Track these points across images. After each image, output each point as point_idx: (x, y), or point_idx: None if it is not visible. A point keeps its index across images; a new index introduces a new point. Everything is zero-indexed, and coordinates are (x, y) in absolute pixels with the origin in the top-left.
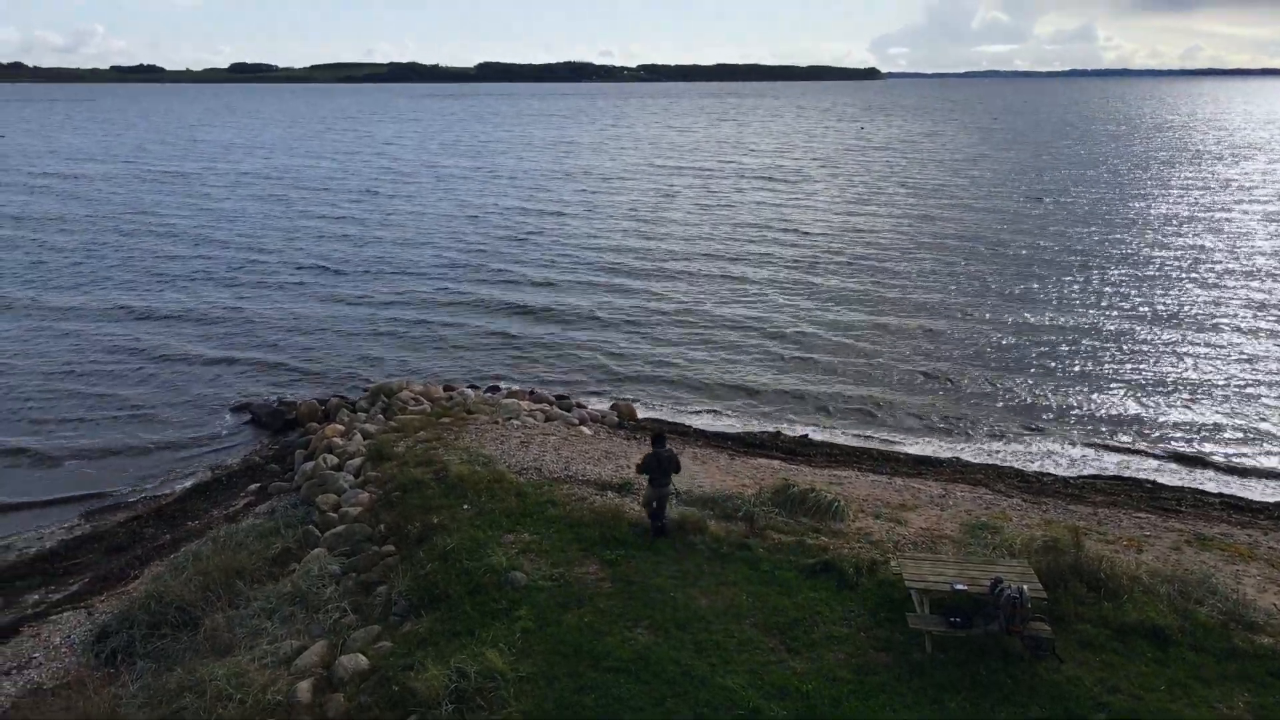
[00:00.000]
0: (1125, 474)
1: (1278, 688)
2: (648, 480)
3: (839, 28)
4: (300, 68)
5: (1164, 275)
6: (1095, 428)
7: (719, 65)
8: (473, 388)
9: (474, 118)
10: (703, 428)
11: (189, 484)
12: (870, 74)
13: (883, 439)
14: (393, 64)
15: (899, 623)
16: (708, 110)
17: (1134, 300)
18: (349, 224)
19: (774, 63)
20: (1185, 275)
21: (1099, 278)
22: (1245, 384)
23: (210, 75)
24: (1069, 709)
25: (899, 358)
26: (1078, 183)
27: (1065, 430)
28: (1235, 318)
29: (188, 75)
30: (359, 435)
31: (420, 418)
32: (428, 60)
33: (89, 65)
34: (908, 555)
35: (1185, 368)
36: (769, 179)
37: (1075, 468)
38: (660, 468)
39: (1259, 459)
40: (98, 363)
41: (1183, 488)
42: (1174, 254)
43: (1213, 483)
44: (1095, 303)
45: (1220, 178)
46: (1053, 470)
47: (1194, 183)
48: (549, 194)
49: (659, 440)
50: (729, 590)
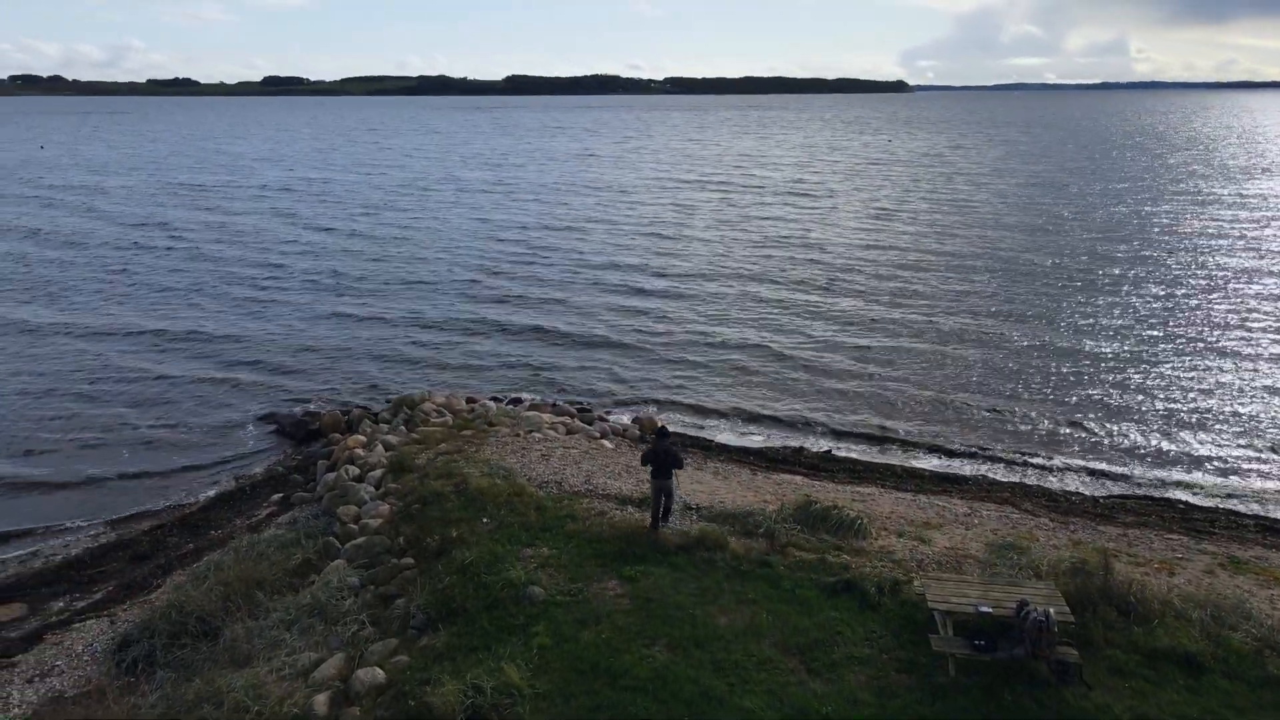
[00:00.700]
0: (1156, 494)
1: None
2: (650, 473)
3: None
4: (331, 80)
5: (1195, 294)
6: (1124, 447)
7: (746, 78)
8: (495, 400)
9: (499, 130)
10: (725, 443)
11: (213, 493)
12: (898, 87)
13: (907, 456)
14: (422, 77)
15: (922, 644)
16: (733, 123)
17: (1165, 318)
18: (370, 237)
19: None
20: (1218, 294)
21: (1129, 296)
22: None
23: (244, 88)
24: None
25: (922, 374)
26: (1107, 198)
27: (1094, 449)
28: (1268, 338)
29: (222, 89)
30: (381, 446)
31: (442, 430)
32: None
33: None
34: (931, 575)
35: (1216, 388)
36: (792, 194)
37: (1104, 487)
38: (660, 460)
39: None
40: (123, 375)
41: (1215, 509)
42: (1207, 272)
43: (1246, 505)
44: (1125, 321)
45: (1255, 193)
46: (1081, 490)
47: (1227, 198)
48: (569, 207)
49: (662, 434)
50: (749, 608)
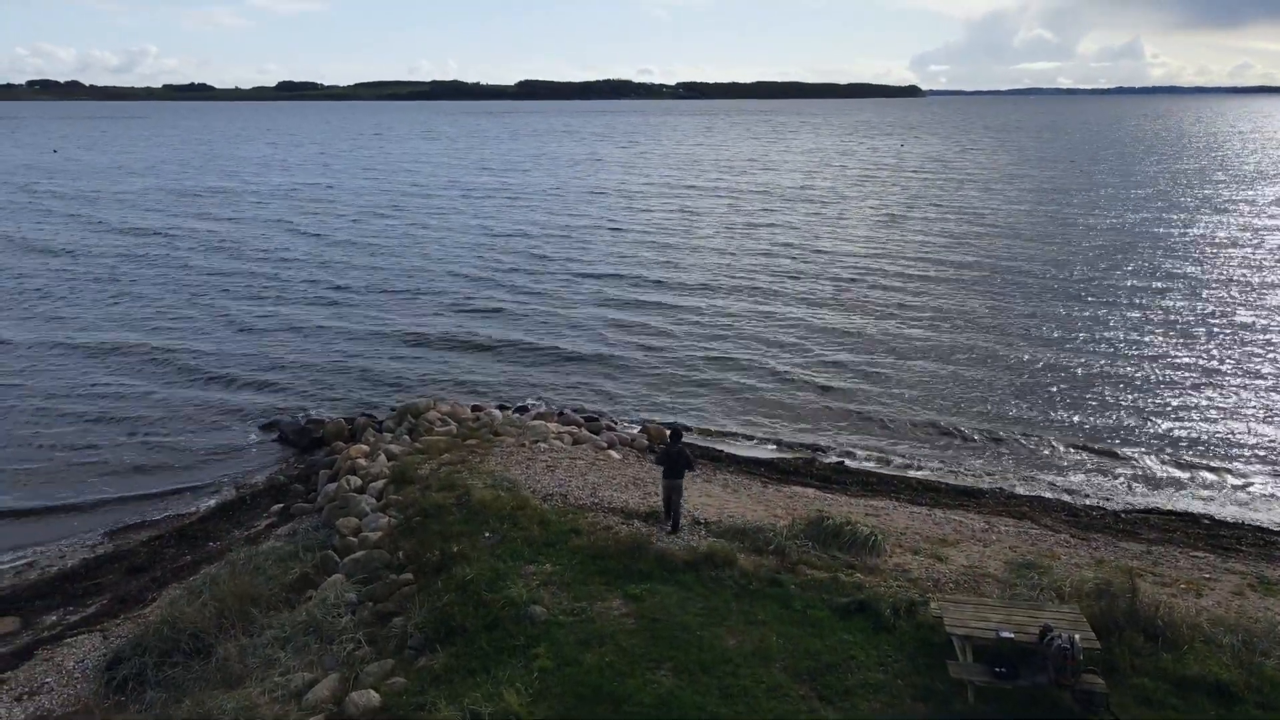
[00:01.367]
0: (1180, 509)
1: None
2: (661, 472)
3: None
4: (345, 85)
5: (1216, 303)
6: (1145, 460)
7: (758, 83)
8: (501, 408)
9: (509, 135)
10: (735, 453)
11: (213, 502)
12: (911, 92)
13: (921, 468)
14: (435, 82)
15: (939, 670)
16: (744, 128)
17: (1186, 329)
18: (376, 244)
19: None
20: (1241, 304)
21: (1147, 305)
22: None
23: (258, 93)
24: None
25: (936, 385)
26: (1124, 205)
27: (1114, 462)
28: None
29: (236, 93)
30: (383, 456)
31: (446, 439)
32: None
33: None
34: (949, 598)
35: (1240, 400)
36: (802, 200)
37: (1126, 501)
38: (672, 461)
39: None
40: (124, 384)
41: (1242, 524)
42: (1228, 281)
43: (1275, 520)
44: (1144, 332)
45: (1271, 198)
46: (1102, 504)
47: (1246, 206)
48: (576, 212)
49: (675, 436)
50: (758, 630)
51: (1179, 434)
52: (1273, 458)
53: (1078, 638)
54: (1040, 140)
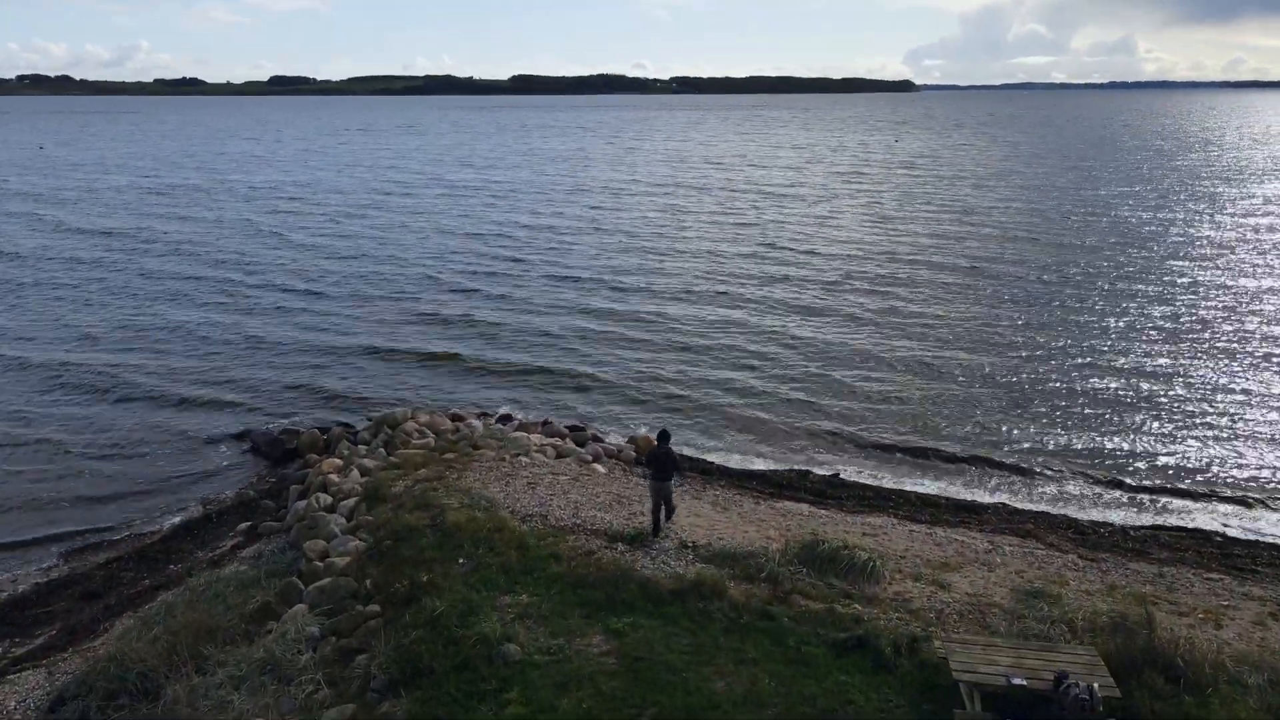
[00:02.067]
0: (1190, 525)
1: None
2: (649, 475)
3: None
4: (338, 80)
5: (1226, 305)
6: (1154, 472)
7: (752, 78)
8: (484, 415)
9: (498, 129)
10: (724, 464)
11: (178, 520)
12: (905, 86)
13: (919, 480)
14: (428, 77)
15: (944, 717)
16: (736, 123)
17: (1191, 332)
18: (357, 243)
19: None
20: (1251, 305)
21: (1155, 307)
22: None
23: (251, 88)
24: None
25: (934, 393)
26: (1122, 203)
27: (1120, 474)
28: None
29: (229, 88)
30: (356, 471)
31: (422, 453)
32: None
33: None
34: (955, 637)
35: (1250, 408)
36: (791, 198)
37: (1133, 516)
38: (659, 464)
39: None
40: (89, 388)
41: (1257, 542)
42: (1237, 281)
43: None
44: (1151, 335)
45: (1267, 194)
46: (1109, 519)
47: (1249, 203)
48: (560, 212)
49: (663, 438)
50: (749, 670)
51: (1189, 444)
52: None
53: (1096, 686)
54: (1035, 136)
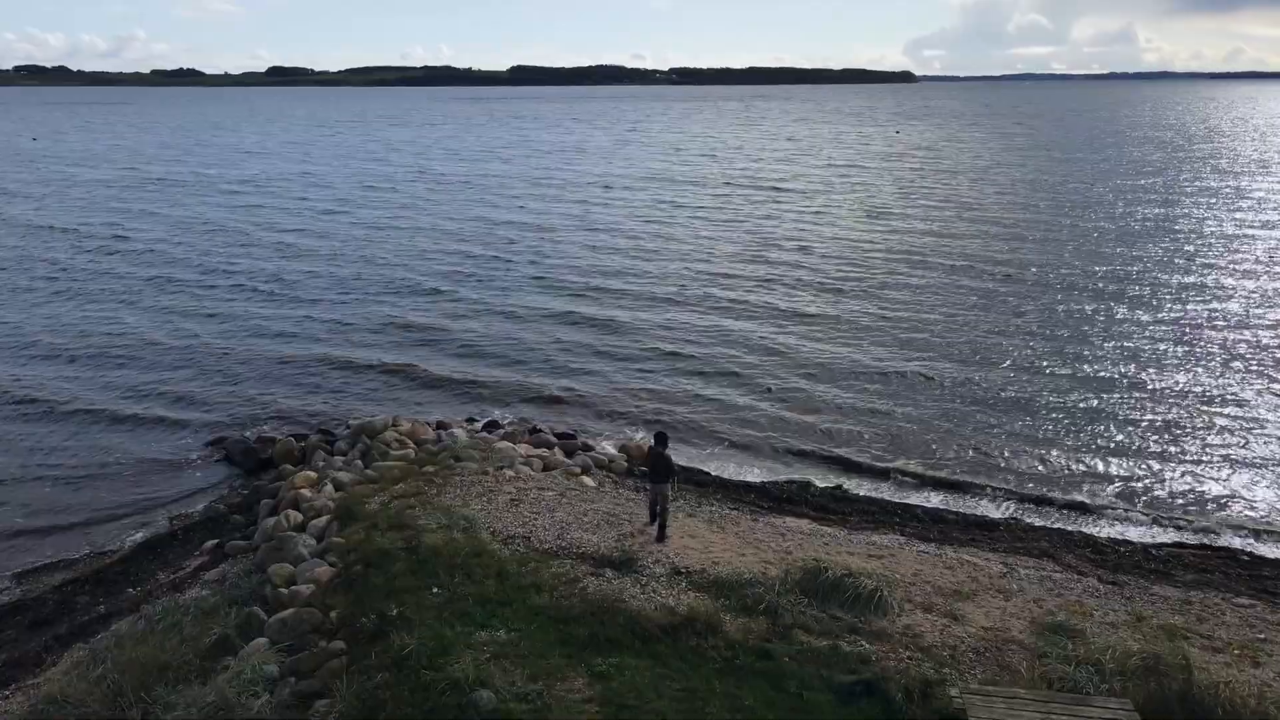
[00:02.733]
0: (1215, 543)
1: None
2: (648, 476)
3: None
4: (336, 71)
5: (1243, 308)
6: (1172, 485)
7: (751, 69)
8: (470, 420)
9: (494, 121)
10: (720, 475)
11: (140, 537)
12: (905, 77)
13: (926, 494)
14: (426, 67)
15: None
16: (735, 114)
17: (1206, 337)
18: (340, 239)
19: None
20: (1264, 307)
21: (1171, 311)
22: None
23: (248, 79)
24: None
25: (938, 402)
26: (1137, 199)
27: (1137, 487)
28: None
29: (226, 79)
30: (330, 486)
31: (401, 465)
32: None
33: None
34: (974, 688)
35: (1267, 412)
36: (789, 191)
37: (1153, 534)
38: (656, 466)
39: None
40: (51, 393)
41: None
42: (1256, 281)
43: None
44: (1167, 341)
45: (1266, 188)
46: (1128, 536)
47: (1243, 193)
48: (550, 208)
49: (660, 440)
50: None
51: (1208, 455)
52: None
53: None
54: (1036, 127)
